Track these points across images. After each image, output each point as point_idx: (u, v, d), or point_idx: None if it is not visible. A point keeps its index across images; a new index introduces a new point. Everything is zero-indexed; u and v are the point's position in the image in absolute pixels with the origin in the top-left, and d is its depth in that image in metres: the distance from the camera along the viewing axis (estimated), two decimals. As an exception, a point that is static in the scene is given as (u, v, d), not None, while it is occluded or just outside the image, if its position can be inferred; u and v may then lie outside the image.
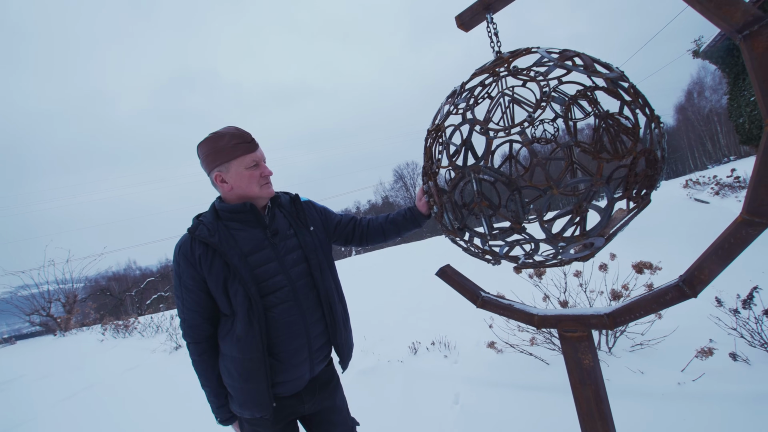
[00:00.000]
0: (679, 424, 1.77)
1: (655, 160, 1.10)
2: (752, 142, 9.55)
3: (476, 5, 1.42)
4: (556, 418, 2.07)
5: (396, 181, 55.00)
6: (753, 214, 0.91)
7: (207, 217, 1.26)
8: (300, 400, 1.29)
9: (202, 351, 1.23)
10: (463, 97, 1.26)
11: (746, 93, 9.07)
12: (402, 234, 1.56)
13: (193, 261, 1.18)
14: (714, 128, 39.86)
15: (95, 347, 7.62)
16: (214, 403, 1.26)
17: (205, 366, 1.23)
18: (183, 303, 1.22)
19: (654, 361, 2.31)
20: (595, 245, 1.13)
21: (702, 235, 5.66)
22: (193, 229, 1.22)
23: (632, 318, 1.15)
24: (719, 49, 9.59)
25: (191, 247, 1.20)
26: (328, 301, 1.32)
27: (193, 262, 1.18)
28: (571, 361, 1.30)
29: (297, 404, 1.29)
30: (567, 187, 1.25)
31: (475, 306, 1.49)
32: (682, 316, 2.59)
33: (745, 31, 0.88)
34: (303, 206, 1.42)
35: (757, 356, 2.14)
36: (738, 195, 8.08)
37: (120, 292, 28.77)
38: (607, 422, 1.27)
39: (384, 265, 10.35)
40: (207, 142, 1.22)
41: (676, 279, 1.06)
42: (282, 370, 1.22)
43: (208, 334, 1.23)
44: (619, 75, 1.10)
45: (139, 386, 4.48)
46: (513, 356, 2.89)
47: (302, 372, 1.26)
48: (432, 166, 1.32)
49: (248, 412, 1.21)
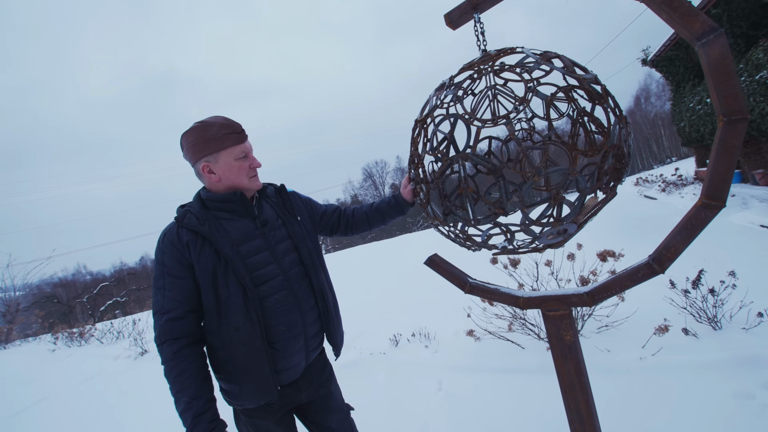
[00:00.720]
0: (643, 394, 1.97)
1: (622, 156, 1.22)
2: (691, 144, 10.54)
3: (465, 4, 1.49)
4: (534, 398, 2.21)
5: (365, 180, 55.00)
6: (710, 198, 1.04)
7: (193, 206, 1.22)
8: (297, 388, 1.30)
9: (178, 348, 1.09)
10: (451, 90, 1.33)
11: (686, 99, 10.00)
12: (387, 221, 1.59)
13: (181, 247, 1.14)
14: (659, 131, 43.57)
15: (46, 358, 7.01)
16: (192, 411, 1.06)
17: (182, 366, 1.07)
18: (165, 294, 1.13)
19: (618, 340, 2.54)
20: (568, 231, 1.24)
21: (652, 226, 6.21)
22: (180, 217, 1.18)
23: (609, 295, 1.27)
24: (664, 58, 10.48)
25: (178, 234, 1.16)
26: (320, 289, 1.33)
27: (180, 248, 1.14)
28: (554, 338, 1.41)
29: (294, 393, 1.29)
30: (548, 175, 1.35)
31: (463, 292, 1.57)
32: (641, 299, 2.86)
33: (703, 39, 1.00)
34: (289, 196, 1.42)
35: (704, 330, 2.42)
36: (681, 191, 8.91)
37: (69, 299, 26.53)
38: (587, 392, 1.39)
39: (358, 262, 10.37)
40: (194, 131, 1.18)
41: (646, 258, 1.19)
42: (280, 359, 1.21)
43: (188, 330, 1.13)
44: (593, 78, 1.21)
45: (101, 396, 4.20)
46: (491, 343, 3.04)
47: (299, 360, 1.26)
48: (419, 155, 1.38)
49: (253, 401, 1.19)
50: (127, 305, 21.44)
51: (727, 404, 1.78)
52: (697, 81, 9.88)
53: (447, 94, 1.31)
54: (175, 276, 1.14)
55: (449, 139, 1.38)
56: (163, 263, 1.15)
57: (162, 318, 1.12)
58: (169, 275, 1.14)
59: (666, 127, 41.64)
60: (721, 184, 1.03)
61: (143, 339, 5.71)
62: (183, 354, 1.10)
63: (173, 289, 1.13)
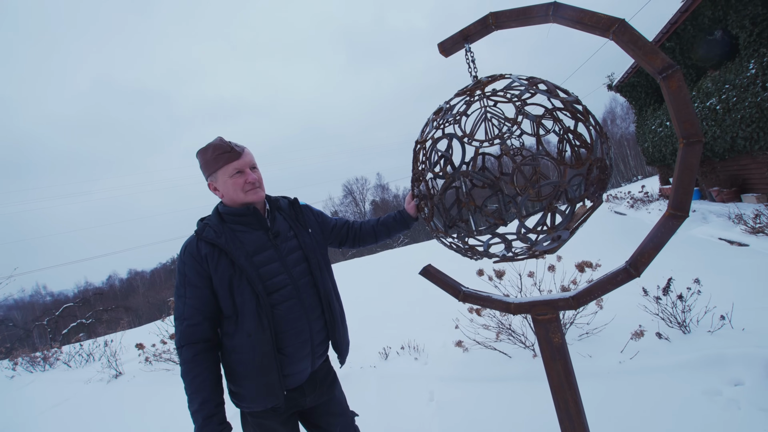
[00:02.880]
0: (624, 394, 2.10)
1: (605, 167, 1.37)
2: (655, 163, 11.34)
3: (456, 35, 1.65)
4: (523, 404, 2.29)
5: (345, 196, 55.00)
6: (676, 209, 1.19)
7: (212, 220, 1.32)
8: (302, 392, 1.35)
9: (196, 352, 1.18)
10: (451, 114, 1.46)
11: (649, 122, 10.81)
12: (392, 235, 1.70)
13: (200, 259, 1.23)
14: (624, 151, 46.35)
15: (3, 385, 6.48)
16: (203, 413, 1.14)
17: (198, 369, 1.16)
18: (185, 302, 1.22)
19: (599, 346, 2.68)
20: (562, 237, 1.37)
21: (623, 239, 6.59)
22: (200, 230, 1.28)
23: (592, 298, 1.40)
24: (627, 84, 11.36)
25: (197, 247, 1.25)
26: (327, 298, 1.40)
27: (199, 260, 1.23)
28: (543, 341, 1.52)
29: (299, 397, 1.35)
30: (542, 187, 1.49)
31: (457, 300, 1.66)
32: (617, 307, 3.05)
33: (663, 73, 1.18)
34: (302, 209, 1.51)
35: (675, 334, 2.61)
36: (648, 207, 9.50)
37: (27, 322, 24.67)
38: (575, 392, 1.49)
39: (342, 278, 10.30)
40: (198, 155, 1.32)
41: (624, 264, 1.33)
42: (287, 364, 1.27)
43: (206, 336, 1.21)
44: (575, 99, 1.37)
45: (71, 422, 3.93)
46: (479, 353, 3.12)
47: (305, 366, 1.32)
48: (423, 173, 1.49)
49: (261, 404, 1.24)
50: (93, 327, 20.11)
51: (699, 401, 1.92)
52: (657, 105, 10.73)
53: (447, 117, 1.44)
54: (194, 286, 1.22)
55: (448, 158, 1.50)
56: (184, 273, 1.24)
57: (183, 324, 1.20)
58: (189, 285, 1.22)
59: (631, 147, 44.42)
60: (684, 197, 1.18)
61: (117, 360, 5.41)
62: (200, 358, 1.18)
63: (193, 298, 1.21)
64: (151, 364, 5.10)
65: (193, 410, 1.15)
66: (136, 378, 4.87)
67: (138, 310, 33.99)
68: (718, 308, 2.72)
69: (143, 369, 5.09)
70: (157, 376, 4.73)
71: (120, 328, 11.01)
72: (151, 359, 5.10)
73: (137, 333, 9.75)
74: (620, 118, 47.18)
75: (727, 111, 6.76)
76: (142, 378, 4.80)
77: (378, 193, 55.32)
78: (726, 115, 6.81)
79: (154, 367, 5.05)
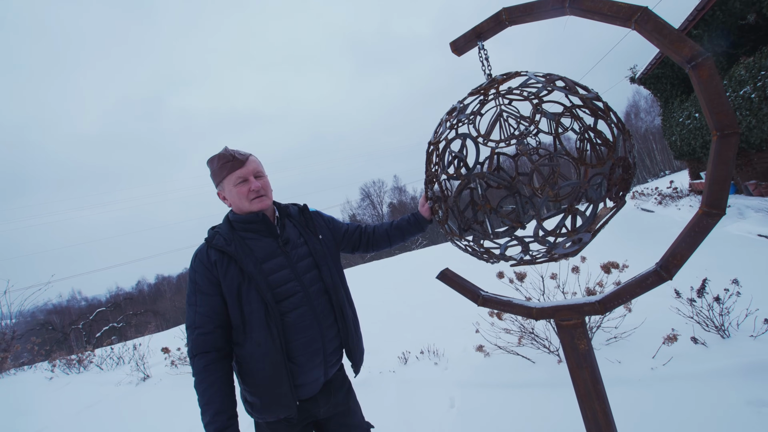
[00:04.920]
0: (657, 403, 1.98)
1: (628, 166, 1.30)
2: (684, 158, 10.79)
3: (469, 33, 1.61)
4: (547, 411, 2.20)
5: (363, 199, 55.25)
6: (711, 207, 1.11)
7: (222, 228, 1.33)
8: (316, 403, 1.33)
9: (209, 361, 1.17)
10: (465, 114, 1.42)
11: (676, 115, 10.30)
12: (406, 239, 1.67)
13: (209, 266, 1.23)
14: (650, 146, 44.44)
15: (43, 386, 6.82)
16: (215, 425, 1.13)
17: (211, 379, 1.15)
18: (196, 310, 1.21)
19: (628, 351, 2.55)
20: (583, 240, 1.30)
21: (651, 238, 6.29)
22: (210, 238, 1.29)
23: (620, 302, 1.32)
24: (651, 76, 10.88)
25: (207, 254, 1.26)
26: (339, 305, 1.38)
27: (209, 267, 1.23)
28: (568, 348, 1.44)
29: (313, 407, 1.32)
30: (561, 188, 1.43)
31: (476, 305, 1.61)
32: (648, 310, 2.89)
33: (692, 62, 1.10)
34: (312, 216, 1.50)
35: (712, 339, 2.44)
36: (678, 204, 9.05)
37: (64, 325, 25.97)
38: (604, 401, 1.41)
39: (361, 281, 10.31)
40: (208, 165, 1.35)
41: (654, 266, 1.25)
42: (299, 374, 1.25)
43: (218, 344, 1.20)
44: (595, 95, 1.31)
45: (102, 424, 4.09)
46: (501, 358, 3.03)
47: (317, 375, 1.30)
48: (436, 174, 1.46)
49: (273, 414, 1.23)
50: (124, 330, 21.01)
51: (742, 412, 1.78)
52: (684, 97, 10.22)
53: (461, 117, 1.41)
54: (205, 293, 1.22)
55: (462, 158, 1.46)
56: (195, 281, 1.24)
57: (194, 332, 1.20)
58: (200, 293, 1.22)
59: (657, 141, 42.54)
60: (720, 194, 1.10)
61: (145, 364, 5.60)
62: (212, 368, 1.17)
63: (204, 305, 1.21)
64: (177, 368, 5.25)
65: (205, 422, 1.14)
66: (162, 381, 5.02)
67: (165, 314, 35.20)
68: (761, 311, 2.53)
69: (169, 372, 5.25)
70: (183, 379, 4.86)
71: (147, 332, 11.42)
72: (177, 363, 5.26)
73: (164, 336, 10.08)
74: (644, 112, 45.32)
75: (763, 99, 6.35)
76: (169, 381, 4.95)
77: (395, 196, 55.29)
78: (762, 104, 6.40)
79: (179, 370, 5.20)
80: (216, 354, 1.19)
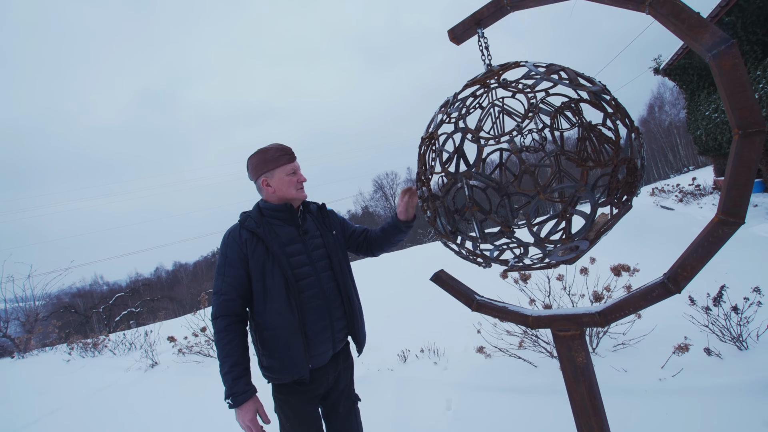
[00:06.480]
0: (663, 418, 1.86)
1: (635, 168, 1.18)
2: (709, 153, 10.26)
3: (468, 20, 1.50)
4: (547, 419, 2.11)
5: (376, 191, 55.21)
6: (728, 215, 0.99)
7: (253, 213, 1.53)
8: (325, 372, 1.52)
9: (229, 323, 1.37)
10: (455, 107, 1.32)
11: (702, 108, 9.78)
12: (392, 241, 1.74)
13: (241, 243, 1.43)
14: (674, 140, 42.65)
15: (60, 368, 7.11)
16: (233, 374, 1.32)
17: (230, 337, 1.35)
18: (224, 279, 1.41)
19: (636, 359, 2.42)
20: (580, 248, 1.20)
21: (669, 238, 6.01)
22: (243, 220, 1.50)
23: (622, 315, 1.22)
24: (677, 67, 10.32)
25: (240, 233, 1.46)
26: (346, 292, 1.56)
27: (240, 244, 1.43)
28: (565, 360, 1.35)
29: (322, 376, 1.51)
30: (553, 193, 1.31)
31: (470, 309, 1.53)
32: (659, 316, 2.73)
33: (714, 50, 0.97)
34: (328, 213, 1.69)
35: (728, 350, 2.28)
36: (699, 202, 8.64)
37: (86, 309, 27.10)
38: (601, 417, 1.32)
39: (364, 274, 10.30)
40: (257, 154, 1.51)
41: (661, 277, 1.13)
42: (310, 345, 1.44)
43: (237, 311, 1.39)
44: (601, 89, 1.18)
45: (110, 408, 4.21)
46: (501, 360, 2.94)
47: (326, 348, 1.49)
48: (425, 172, 1.37)
49: (288, 375, 1.40)
50: (141, 315, 21.76)
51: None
52: (712, 89, 9.67)
53: (452, 111, 1.30)
54: (233, 266, 1.41)
55: (453, 156, 1.36)
56: (225, 255, 1.44)
57: (220, 298, 1.40)
58: (229, 265, 1.42)
59: (682, 135, 40.74)
60: (740, 200, 0.98)
61: (154, 351, 5.74)
62: (231, 329, 1.37)
63: (230, 276, 1.40)
64: (184, 356, 5.36)
65: (223, 372, 1.33)
66: (169, 368, 5.13)
67: (182, 300, 36.26)
68: (784, 321, 2.35)
69: (176, 360, 5.36)
70: (189, 367, 4.96)
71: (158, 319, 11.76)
72: (184, 351, 5.36)
73: (174, 324, 10.34)
74: (669, 104, 43.40)
75: (798, 92, 5.92)
76: (175, 368, 5.06)
77: (409, 188, 55.00)
78: (797, 97, 5.97)
79: (186, 358, 5.31)
80: (235, 318, 1.39)
